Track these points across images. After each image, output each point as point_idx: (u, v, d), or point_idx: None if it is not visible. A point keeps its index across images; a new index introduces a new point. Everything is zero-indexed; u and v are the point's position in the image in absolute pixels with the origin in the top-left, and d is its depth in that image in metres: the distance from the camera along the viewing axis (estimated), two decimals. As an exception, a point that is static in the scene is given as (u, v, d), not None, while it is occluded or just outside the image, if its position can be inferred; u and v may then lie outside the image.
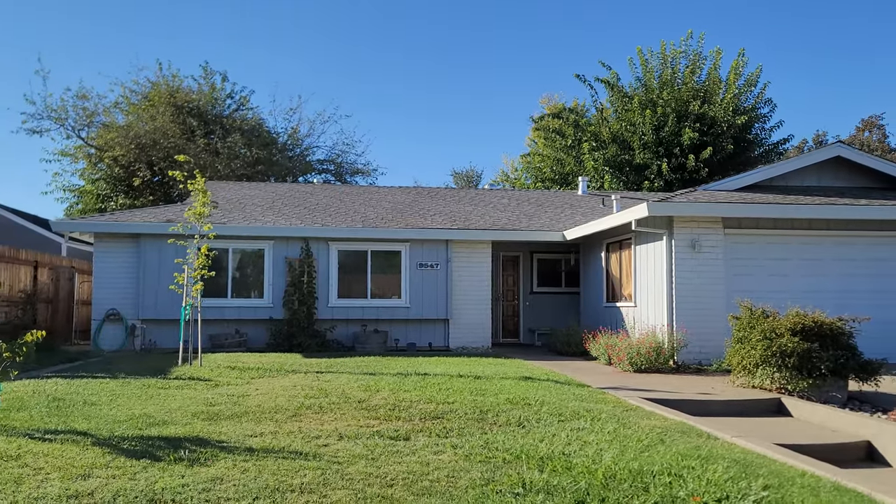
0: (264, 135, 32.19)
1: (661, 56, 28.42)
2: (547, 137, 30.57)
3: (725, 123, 26.50)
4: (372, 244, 15.19)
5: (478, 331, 15.48)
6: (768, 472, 4.93)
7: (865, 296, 12.13)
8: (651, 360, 11.07)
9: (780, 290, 12.00)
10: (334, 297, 14.99)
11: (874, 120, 50.47)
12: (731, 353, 9.47)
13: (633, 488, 4.47)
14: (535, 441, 5.72)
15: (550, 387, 8.84)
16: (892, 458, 6.92)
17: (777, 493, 4.44)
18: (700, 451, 5.50)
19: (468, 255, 15.48)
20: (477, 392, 8.13)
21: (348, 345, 14.83)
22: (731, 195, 12.56)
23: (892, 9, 61.87)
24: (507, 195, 19.85)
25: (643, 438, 5.89)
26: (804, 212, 11.90)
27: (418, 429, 6.16)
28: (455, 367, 10.95)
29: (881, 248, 12.47)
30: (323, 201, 17.58)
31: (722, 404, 8.60)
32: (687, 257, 11.95)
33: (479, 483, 4.52)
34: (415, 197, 18.70)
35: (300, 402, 7.31)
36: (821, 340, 8.71)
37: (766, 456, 5.56)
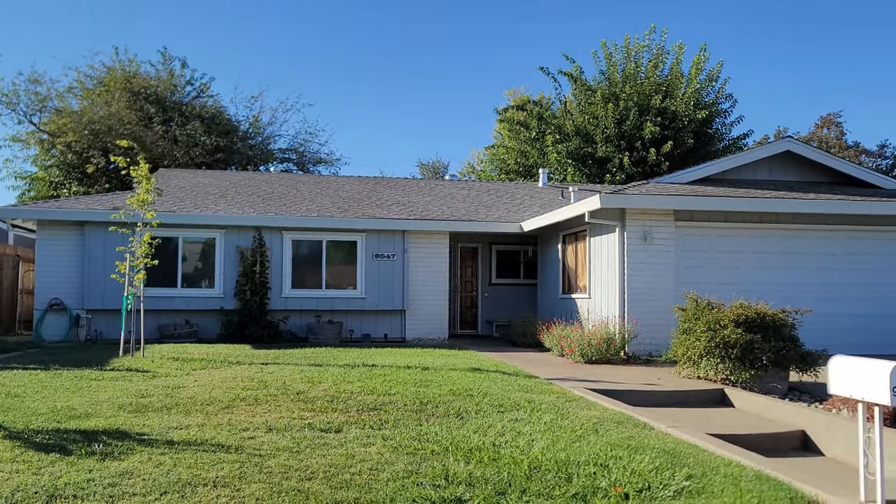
0: (225, 123, 31.65)
1: (624, 50, 28.57)
2: (511, 130, 30.58)
3: (686, 118, 26.74)
4: (327, 234, 14.99)
5: (435, 322, 15.40)
6: (695, 462, 4.93)
7: (813, 289, 12.32)
8: (601, 351, 11.11)
9: (730, 283, 12.12)
10: (288, 287, 14.78)
11: (832, 117, 51.56)
12: (677, 344, 9.53)
13: (556, 479, 4.42)
14: (468, 432, 5.65)
15: (497, 378, 8.79)
16: (824, 447, 7.01)
17: (699, 482, 4.43)
18: (632, 441, 5.49)
19: (426, 246, 15.37)
20: (421, 383, 8.05)
21: (302, 336, 14.64)
22: (684, 188, 12.64)
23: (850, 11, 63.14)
24: (467, 186, 19.78)
25: (578, 429, 5.87)
26: (753, 205, 12.02)
27: (353, 421, 6.06)
28: (406, 358, 10.85)
29: (828, 242, 12.67)
30: (279, 190, 17.31)
31: (665, 395, 8.65)
32: (639, 249, 12.00)
33: (402, 475, 4.44)
34: (373, 187, 18.53)
35: (236, 393, 7.14)
36: (763, 332, 8.80)
37: (696, 446, 5.57)
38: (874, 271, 12.64)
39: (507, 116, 30.70)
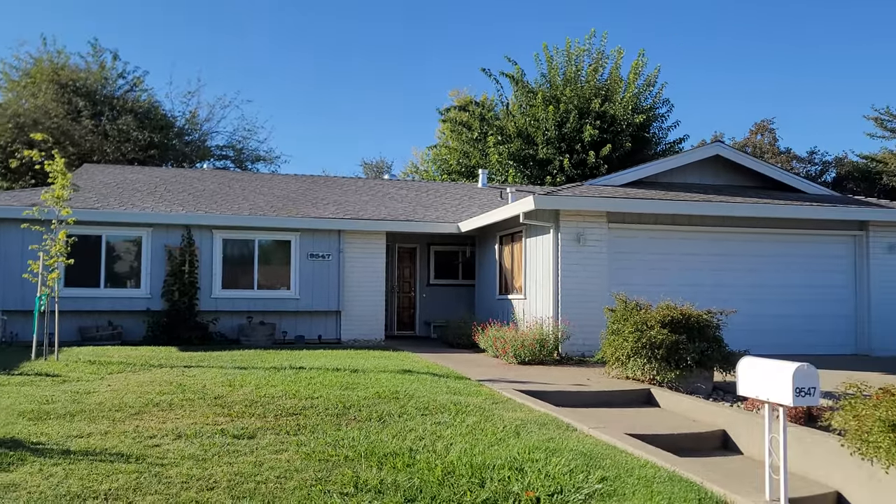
0: (160, 118, 30.72)
1: (566, 53, 28.92)
2: (454, 130, 30.58)
3: (625, 121, 27.22)
4: (259, 233, 14.63)
5: (371, 323, 15.20)
6: (611, 464, 4.92)
7: (740, 290, 12.64)
8: (534, 351, 11.13)
9: (660, 284, 12.32)
10: (218, 287, 14.36)
11: (766, 124, 53.35)
12: (606, 345, 9.61)
13: (469, 484, 4.34)
14: (387, 437, 5.53)
15: (426, 380, 8.69)
16: (743, 446, 7.14)
17: (612, 485, 4.42)
18: (551, 443, 5.45)
19: (362, 246, 15.16)
20: (347, 386, 7.88)
21: (233, 337, 14.24)
22: (616, 190, 12.80)
23: (782, 21, 65.56)
24: (406, 186, 19.64)
25: (499, 432, 5.81)
26: (682, 208, 12.24)
27: (269, 426, 5.85)
28: (336, 360, 10.65)
29: (755, 245, 13.01)
30: (211, 187, 16.82)
31: (593, 395, 8.70)
32: (572, 250, 12.08)
33: (310, 483, 4.28)
34: (310, 185, 18.20)
35: (150, 398, 6.84)
36: (688, 332, 8.94)
37: (615, 447, 5.57)
38: (799, 273, 13.04)
39: (449, 117, 30.68)
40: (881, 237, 13.11)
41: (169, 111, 32.37)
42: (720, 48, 67.94)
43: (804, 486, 6.02)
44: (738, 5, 64.81)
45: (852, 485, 5.74)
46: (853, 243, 13.24)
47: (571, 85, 28.16)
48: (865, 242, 13.10)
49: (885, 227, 13.15)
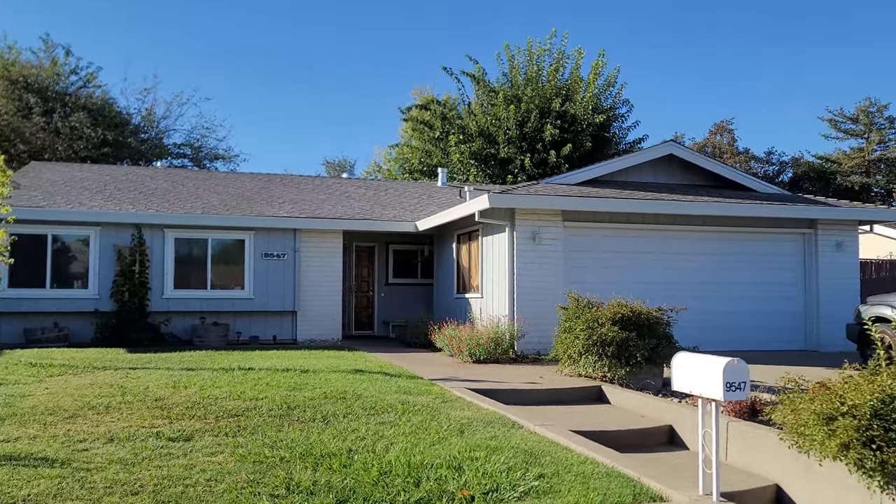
0: (114, 115, 30.03)
1: (527, 53, 29.04)
2: (415, 129, 30.50)
3: (585, 121, 27.43)
4: (213, 232, 14.36)
5: (328, 323, 15.04)
6: (551, 461, 4.91)
7: (691, 287, 12.80)
8: (489, 350, 11.11)
9: (615, 282, 12.41)
10: (170, 287, 14.06)
11: (725, 124, 54.36)
12: (558, 343, 9.63)
13: (404, 483, 4.28)
14: (328, 438, 5.44)
15: (377, 379, 8.60)
16: (689, 441, 7.21)
17: (548, 482, 4.40)
18: (494, 441, 5.43)
19: (318, 245, 14.99)
20: (295, 387, 7.75)
21: (186, 339, 13.96)
22: (572, 189, 12.87)
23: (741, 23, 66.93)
24: (365, 185, 19.51)
25: (443, 431, 5.76)
26: (635, 206, 12.35)
27: (209, 428, 5.71)
28: (289, 360, 10.49)
29: (708, 243, 13.18)
30: (163, 186, 16.47)
31: (544, 393, 8.71)
32: (528, 249, 12.10)
33: (241, 486, 4.17)
34: (265, 184, 17.95)
35: (87, 401, 6.63)
36: (638, 329, 9.01)
37: (558, 444, 5.57)
38: (750, 270, 13.25)
39: (411, 116, 30.58)
40: (829, 235, 13.41)
41: (124, 108, 31.70)
42: (680, 51, 69.08)
43: (745, 479, 6.10)
44: (696, 10, 65.98)
45: (791, 477, 5.84)
46: (802, 241, 13.52)
47: (532, 84, 28.29)
48: (814, 240, 13.39)
49: (834, 225, 13.46)
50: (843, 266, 13.37)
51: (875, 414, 5.20)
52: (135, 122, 32.01)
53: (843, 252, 13.39)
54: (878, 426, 5.12)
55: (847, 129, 50.02)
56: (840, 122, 50.11)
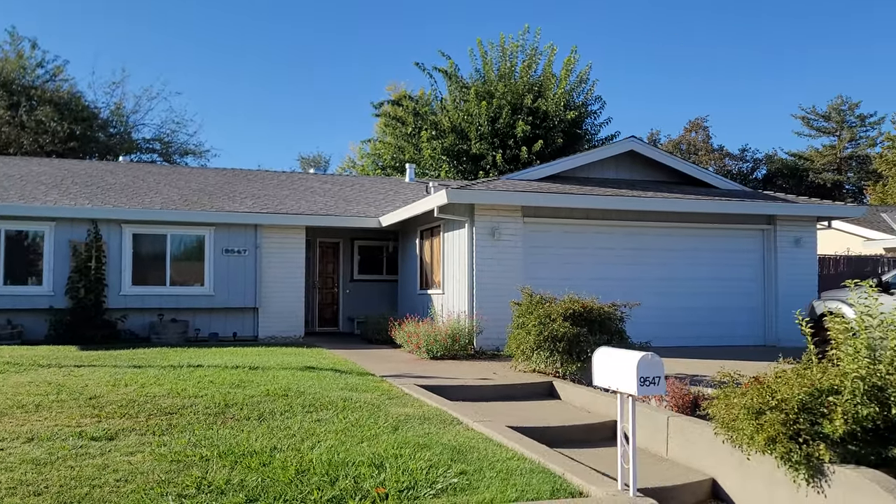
0: (82, 109, 29.54)
1: (500, 49, 29.00)
2: (387, 125, 30.35)
3: (557, 118, 27.45)
4: (172, 228, 14.16)
5: (290, 320, 14.90)
6: (478, 457, 4.87)
7: (652, 283, 12.85)
8: (447, 346, 11.06)
9: (575, 278, 12.42)
10: (128, 284, 13.84)
11: (700, 122, 54.76)
12: (511, 339, 9.61)
13: (320, 482, 4.21)
14: (257, 436, 5.35)
15: (326, 376, 8.52)
16: (634, 436, 7.20)
17: (469, 479, 4.35)
18: (426, 438, 5.38)
19: (280, 241, 14.84)
20: (239, 384, 7.65)
21: (143, 336, 13.76)
22: (532, 185, 12.84)
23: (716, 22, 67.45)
24: (330, 180, 19.36)
25: (378, 428, 5.70)
26: (595, 202, 12.36)
27: (137, 427, 5.60)
28: (242, 357, 10.37)
29: (668, 239, 13.22)
30: (123, 181, 16.22)
31: (495, 389, 8.68)
32: (487, 245, 12.06)
33: (151, 486, 4.08)
34: (230, 179, 17.75)
35: (19, 400, 6.49)
36: (590, 325, 9.01)
37: (491, 440, 5.53)
38: (709, 266, 13.31)
39: (383, 111, 30.43)
40: (788, 231, 13.51)
41: (92, 102, 31.21)
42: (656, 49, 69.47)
43: (682, 474, 6.12)
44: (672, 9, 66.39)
45: (726, 471, 5.86)
46: (762, 237, 13.61)
47: (505, 80, 28.27)
48: (773, 236, 13.49)
49: (792, 221, 13.56)
50: (802, 262, 13.49)
51: (802, 408, 5.22)
52: (103, 116, 31.54)
53: (802, 248, 13.51)
54: (805, 420, 5.14)
55: (819, 126, 50.64)
56: (813, 119, 50.73)
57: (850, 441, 5.08)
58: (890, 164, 39.49)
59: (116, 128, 31.82)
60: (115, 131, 31.38)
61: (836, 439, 5.06)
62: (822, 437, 5.08)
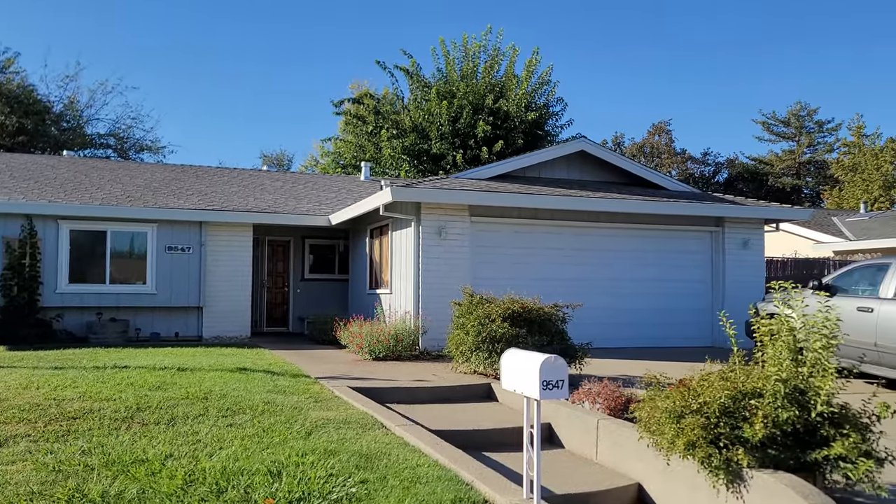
0: (33, 102, 28.66)
1: (463, 49, 28.85)
2: (348, 123, 30.00)
3: (518, 118, 27.38)
4: (112, 224, 13.70)
5: (236, 319, 14.53)
6: (386, 464, 4.66)
7: (600, 284, 12.78)
8: (389, 347, 10.83)
9: (524, 278, 12.30)
10: (64, 282, 13.35)
11: (663, 125, 55.35)
12: (451, 339, 9.42)
13: (207, 492, 3.96)
14: (158, 442, 5.07)
15: (257, 378, 8.23)
16: (564, 439, 7.08)
17: (369, 487, 4.14)
18: (338, 444, 5.15)
19: (227, 239, 14.46)
20: (160, 387, 7.33)
21: (81, 335, 13.29)
22: (481, 183, 12.68)
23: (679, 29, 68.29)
24: (283, 177, 18.99)
25: (291, 433, 5.46)
26: (542, 202, 12.22)
27: (32, 433, 5.28)
28: (175, 358, 10.02)
29: (616, 240, 13.16)
30: (65, 175, 15.68)
31: (429, 391, 8.47)
32: (433, 244, 11.87)
33: (21, 498, 3.79)
34: (178, 175, 17.29)
35: (-87, 404, 6.11)
36: (529, 326, 8.86)
37: (407, 445, 5.33)
38: (658, 267, 13.28)
39: (345, 110, 30.07)
40: (736, 233, 13.56)
41: (44, 96, 30.30)
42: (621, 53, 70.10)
43: (608, 478, 5.99)
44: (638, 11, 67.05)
45: (651, 475, 5.75)
46: (710, 239, 13.64)
47: (467, 80, 28.12)
48: (721, 238, 13.52)
49: (740, 223, 13.61)
50: (750, 264, 13.54)
51: (724, 412, 5.12)
52: (56, 110, 30.66)
53: (749, 250, 13.56)
54: (726, 424, 5.04)
55: (779, 132, 51.55)
56: (772, 124, 51.60)
57: (771, 445, 4.98)
58: (846, 170, 40.31)
59: (70, 122, 30.97)
60: (69, 126, 30.53)
61: (756, 443, 4.96)
62: (742, 441, 4.98)
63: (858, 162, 39.04)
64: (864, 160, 38.37)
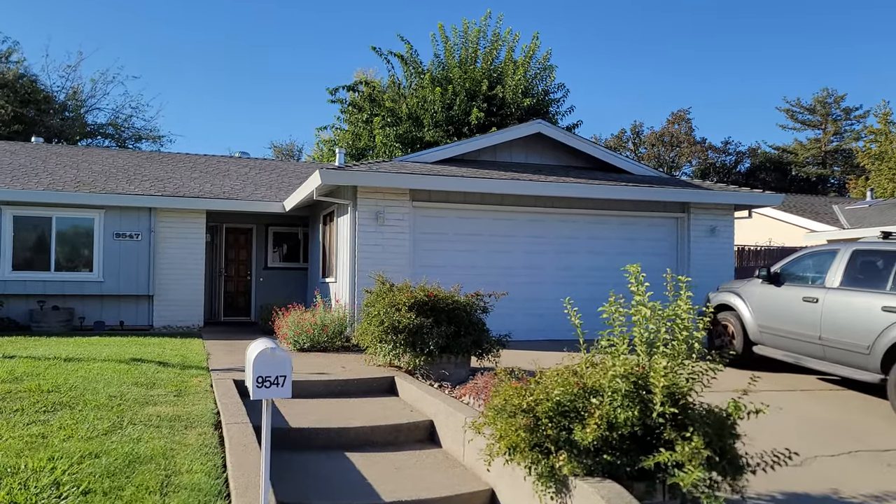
0: (33, 91, 28.79)
1: (464, 35, 28.19)
2: (343, 111, 29.57)
3: (514, 105, 26.64)
4: (58, 210, 13.43)
5: (189, 308, 14.19)
6: (148, 469, 4.18)
7: (554, 273, 12.13)
8: (312, 337, 10.32)
9: (470, 266, 11.73)
10: (8, 269, 13.13)
11: (682, 114, 53.88)
12: (359, 329, 8.87)
13: None
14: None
15: (136, 370, 7.78)
16: (443, 439, 6.49)
17: (90, 499, 3.62)
18: (124, 445, 4.67)
19: (178, 226, 14.10)
20: (18, 378, 6.91)
21: (24, 323, 13.06)
22: (425, 167, 12.07)
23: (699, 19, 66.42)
24: (249, 164, 18.56)
25: (98, 429, 4.98)
26: (490, 186, 11.55)
27: None
28: (85, 348, 9.65)
29: (574, 226, 12.43)
30: (22, 161, 15.47)
31: (326, 385, 7.92)
32: (371, 230, 11.31)
33: None
34: (140, 161, 16.97)
35: None
36: (436, 315, 8.25)
37: (205, 445, 4.79)
38: (617, 256, 12.51)
39: (339, 98, 29.63)
40: (703, 220, 12.73)
41: (46, 86, 30.43)
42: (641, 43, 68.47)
43: (464, 482, 5.46)
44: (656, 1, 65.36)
45: (505, 480, 5.16)
46: (676, 226, 12.83)
47: (464, 67, 27.45)
48: (687, 225, 12.71)
49: (707, 209, 12.78)
50: (717, 252, 12.71)
51: (559, 411, 4.49)
52: (59, 99, 30.80)
53: (717, 237, 12.73)
54: (556, 425, 4.41)
55: (804, 119, 49.70)
56: (797, 112, 49.78)
57: (606, 450, 4.34)
58: (872, 158, 38.61)
59: (71, 112, 31.10)
60: (68, 115, 30.66)
61: (588, 448, 4.32)
62: (572, 445, 4.34)
63: (885, 150, 37.33)
64: (890, 148, 36.67)
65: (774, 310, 8.89)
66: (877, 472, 5.21)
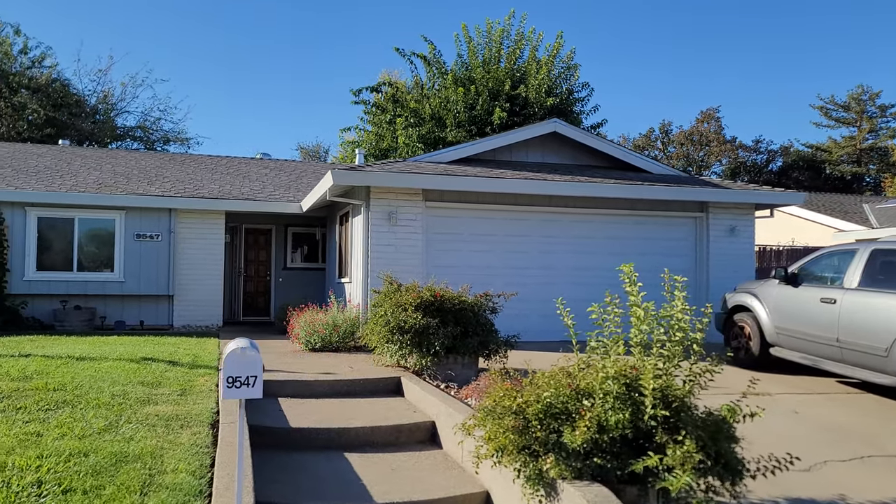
0: (65, 96, 29.42)
1: (487, 34, 28.12)
2: (367, 112, 29.66)
3: (537, 104, 26.46)
4: (80, 211, 13.67)
5: (208, 308, 14.34)
6: (134, 468, 4.17)
7: (569, 273, 11.98)
8: (324, 337, 10.33)
9: (483, 266, 11.66)
10: (32, 269, 13.41)
11: (712, 112, 53.05)
12: (366, 329, 8.85)
13: None
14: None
15: (145, 369, 7.84)
16: (443, 440, 6.43)
17: (70, 498, 3.63)
18: (115, 444, 4.69)
19: (198, 226, 14.27)
20: (27, 377, 7.02)
21: (48, 322, 13.32)
22: (439, 167, 12.02)
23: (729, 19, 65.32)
24: (269, 165, 18.70)
25: (94, 428, 5.02)
26: (503, 186, 11.44)
27: None
28: (102, 347, 9.78)
29: (591, 226, 12.25)
30: (47, 163, 15.80)
31: (332, 385, 7.90)
32: (384, 230, 11.30)
33: None
34: (163, 162, 17.23)
35: None
36: (442, 316, 8.19)
37: (196, 444, 4.80)
38: (635, 256, 12.31)
39: (362, 99, 29.74)
40: (722, 219, 12.47)
41: (78, 90, 31.08)
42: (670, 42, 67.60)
43: (459, 484, 5.40)
44: None
45: (500, 483, 5.09)
46: (694, 226, 12.60)
47: (487, 66, 27.37)
48: (706, 224, 12.46)
49: (726, 208, 12.51)
50: (737, 253, 12.44)
51: (549, 413, 4.41)
52: (91, 103, 31.43)
53: (737, 237, 12.46)
54: (546, 427, 4.33)
55: (838, 117, 48.55)
56: (832, 109, 48.67)
57: (597, 453, 4.24)
58: (908, 157, 37.62)
59: (102, 115, 31.72)
60: (99, 119, 31.28)
61: (578, 451, 4.23)
62: (561, 448, 4.25)
63: (921, 148, 36.33)
64: (926, 146, 35.68)
65: (791, 311, 8.66)
66: (889, 479, 5.03)
